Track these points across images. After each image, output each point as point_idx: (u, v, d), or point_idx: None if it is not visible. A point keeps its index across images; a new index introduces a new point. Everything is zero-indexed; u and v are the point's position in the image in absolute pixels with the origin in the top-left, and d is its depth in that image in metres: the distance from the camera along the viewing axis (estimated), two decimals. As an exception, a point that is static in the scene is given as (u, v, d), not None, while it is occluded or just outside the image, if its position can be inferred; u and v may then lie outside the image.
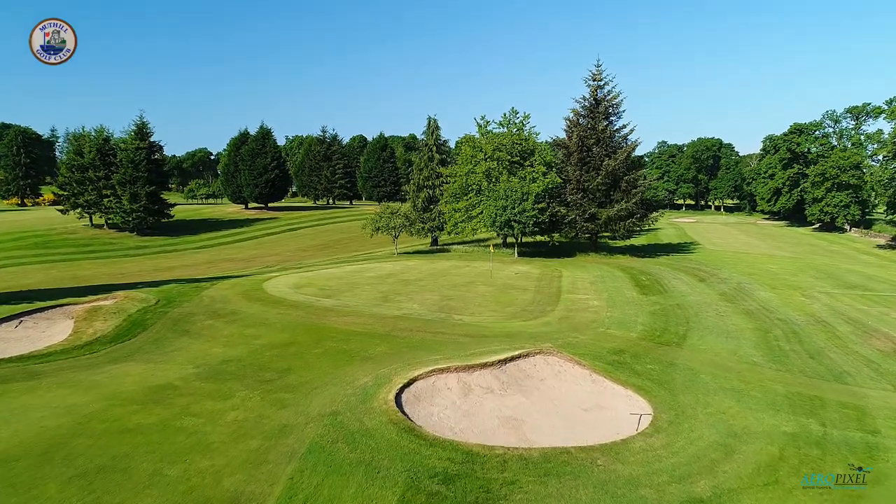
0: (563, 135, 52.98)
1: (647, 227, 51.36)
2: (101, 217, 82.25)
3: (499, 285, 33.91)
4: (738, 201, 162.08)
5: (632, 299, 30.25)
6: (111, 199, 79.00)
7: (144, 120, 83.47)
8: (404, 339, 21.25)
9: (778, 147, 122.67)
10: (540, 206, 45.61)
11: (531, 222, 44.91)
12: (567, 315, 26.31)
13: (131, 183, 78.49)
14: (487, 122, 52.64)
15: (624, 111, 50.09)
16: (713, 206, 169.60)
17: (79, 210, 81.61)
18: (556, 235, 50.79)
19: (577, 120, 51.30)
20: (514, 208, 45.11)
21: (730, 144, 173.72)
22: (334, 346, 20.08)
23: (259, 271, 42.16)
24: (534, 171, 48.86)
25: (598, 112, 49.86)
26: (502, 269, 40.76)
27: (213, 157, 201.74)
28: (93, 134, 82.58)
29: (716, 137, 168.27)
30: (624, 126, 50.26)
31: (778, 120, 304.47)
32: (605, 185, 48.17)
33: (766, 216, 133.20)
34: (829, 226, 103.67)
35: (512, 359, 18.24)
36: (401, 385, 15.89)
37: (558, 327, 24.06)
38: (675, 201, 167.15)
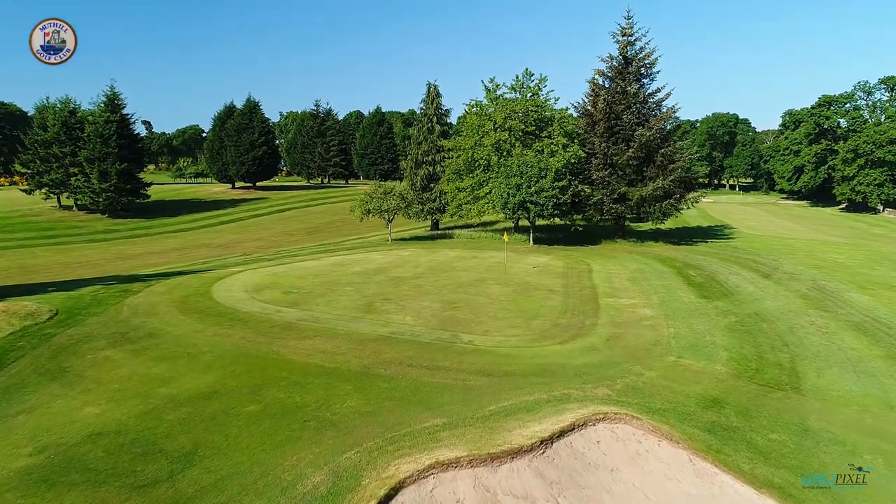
0: (585, 103, 45.36)
1: (684, 209, 43.80)
2: (69, 198, 75.05)
3: (516, 284, 26.81)
4: (751, 180, 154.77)
5: (692, 306, 23.15)
6: (79, 177, 71.64)
7: (115, 90, 75.79)
8: (389, 383, 14.20)
9: (799, 122, 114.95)
10: (560, 184, 38.25)
11: (550, 204, 37.60)
12: (616, 333, 19.22)
13: (100, 160, 71.00)
14: (497, 86, 44.90)
15: (658, 72, 42.36)
16: (727, 185, 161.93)
17: (44, 190, 74.31)
18: (577, 219, 43.46)
19: (603, 83, 43.64)
20: (529, 187, 37.76)
21: (746, 120, 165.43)
22: (280, 399, 13.05)
23: (224, 264, 35.07)
24: (552, 144, 41.35)
25: (628, 73, 42.13)
26: (517, 261, 33.62)
27: (204, 135, 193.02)
28: (58, 105, 74.82)
29: (731, 112, 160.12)
30: (659, 89, 42.60)
31: (797, 94, 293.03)
32: (637, 159, 40.70)
33: (785, 195, 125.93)
34: (859, 206, 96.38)
35: (562, 433, 11.17)
36: (376, 501, 8.89)
37: (609, 355, 17.00)
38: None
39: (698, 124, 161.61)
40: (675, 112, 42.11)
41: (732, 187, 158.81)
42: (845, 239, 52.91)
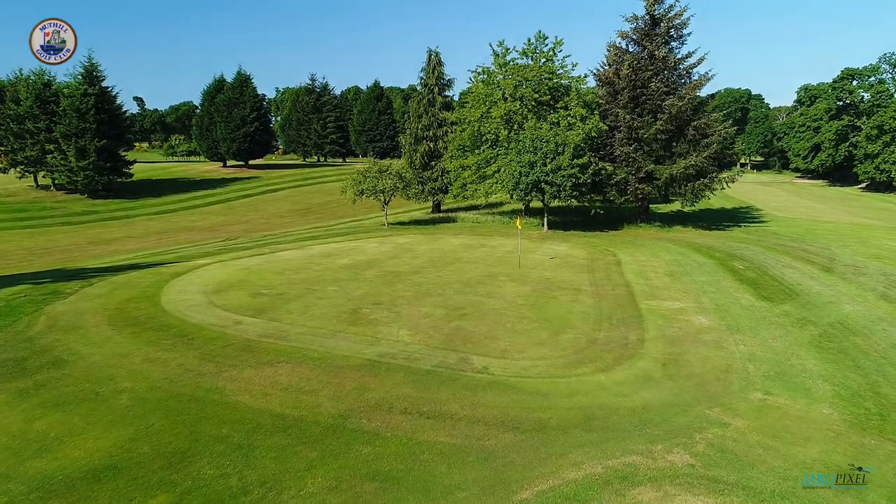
0: (605, 70, 40.31)
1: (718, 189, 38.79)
2: (45, 177, 70.42)
3: (534, 281, 22.38)
4: (762, 158, 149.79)
5: (755, 311, 18.73)
6: (55, 155, 66.81)
7: (94, 61, 70.50)
8: (372, 445, 9.87)
9: (816, 97, 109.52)
10: (580, 161, 33.54)
11: (569, 184, 32.96)
12: (673, 353, 14.83)
13: (77, 136, 66.15)
14: (507, 50, 39.84)
15: (689, 34, 37.21)
16: (739, 164, 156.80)
17: (19, 168, 69.61)
18: (596, 200, 38.77)
19: (627, 46, 38.60)
20: (545, 165, 33.09)
21: (759, 96, 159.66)
22: (208, 480, 8.71)
23: (194, 253, 30.62)
24: (569, 115, 36.55)
25: (655, 35, 37.07)
26: (531, 251, 29.22)
27: (198, 112, 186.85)
28: (31, 77, 69.64)
29: (744, 88, 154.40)
30: (690, 54, 37.63)
31: (811, 69, 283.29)
32: (665, 133, 35.90)
33: (799, 174, 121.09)
34: (881, 185, 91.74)
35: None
36: None
37: (673, 389, 12.64)
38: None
39: (709, 100, 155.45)
40: (708, 79, 37.19)
41: (744, 165, 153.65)
42: (884, 222, 48.40)
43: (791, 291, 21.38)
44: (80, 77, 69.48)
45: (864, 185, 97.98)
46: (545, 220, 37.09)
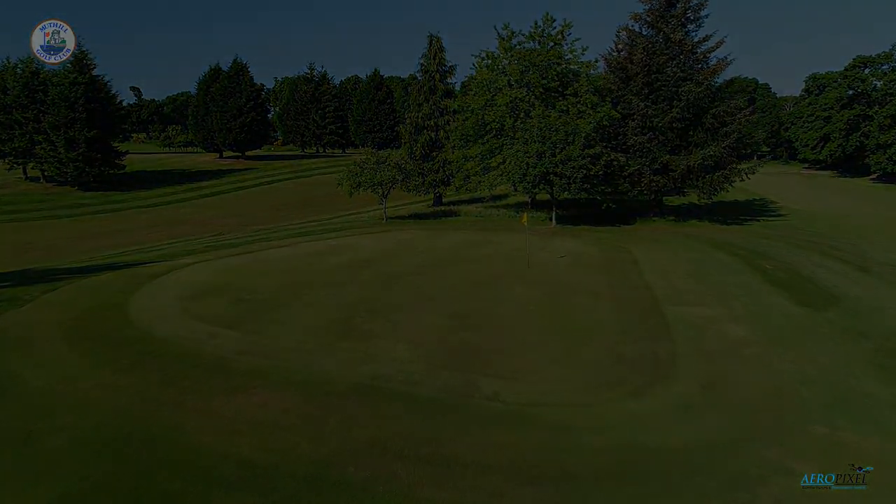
0: (616, 54, 38.04)
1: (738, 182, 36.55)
2: (35, 168, 68.42)
3: (546, 283, 20.35)
4: (768, 149, 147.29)
5: (796, 320, 16.67)
6: (44, 145, 64.72)
7: (83, 48, 68.13)
8: (360, 508, 7.92)
9: (824, 86, 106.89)
10: (591, 151, 31.41)
11: (579, 176, 30.84)
12: (711, 373, 12.83)
13: (66, 126, 64.04)
14: (512, 34, 37.59)
15: (707, 16, 34.94)
16: (757, 156, 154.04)
17: (7, 160, 67.61)
18: (607, 194, 36.61)
19: (640, 30, 36.33)
20: (554, 155, 30.96)
21: (766, 85, 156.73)
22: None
23: (178, 251, 28.66)
24: (579, 103, 34.35)
25: (671, 16, 34.77)
26: (540, 248, 27.13)
27: (193, 101, 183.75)
28: (19, 66, 67.41)
29: (751, 77, 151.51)
30: (707, 37, 35.34)
31: (818, 58, 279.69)
32: (682, 121, 33.70)
33: (807, 165, 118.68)
34: (893, 176, 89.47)
35: None
36: None
37: (720, 423, 10.65)
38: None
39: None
40: (727, 64, 34.89)
41: (750, 156, 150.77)
42: (907, 215, 46.30)
43: (830, 295, 19.33)
44: (68, 65, 67.13)
45: (874, 175, 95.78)
46: (554, 213, 34.98)
